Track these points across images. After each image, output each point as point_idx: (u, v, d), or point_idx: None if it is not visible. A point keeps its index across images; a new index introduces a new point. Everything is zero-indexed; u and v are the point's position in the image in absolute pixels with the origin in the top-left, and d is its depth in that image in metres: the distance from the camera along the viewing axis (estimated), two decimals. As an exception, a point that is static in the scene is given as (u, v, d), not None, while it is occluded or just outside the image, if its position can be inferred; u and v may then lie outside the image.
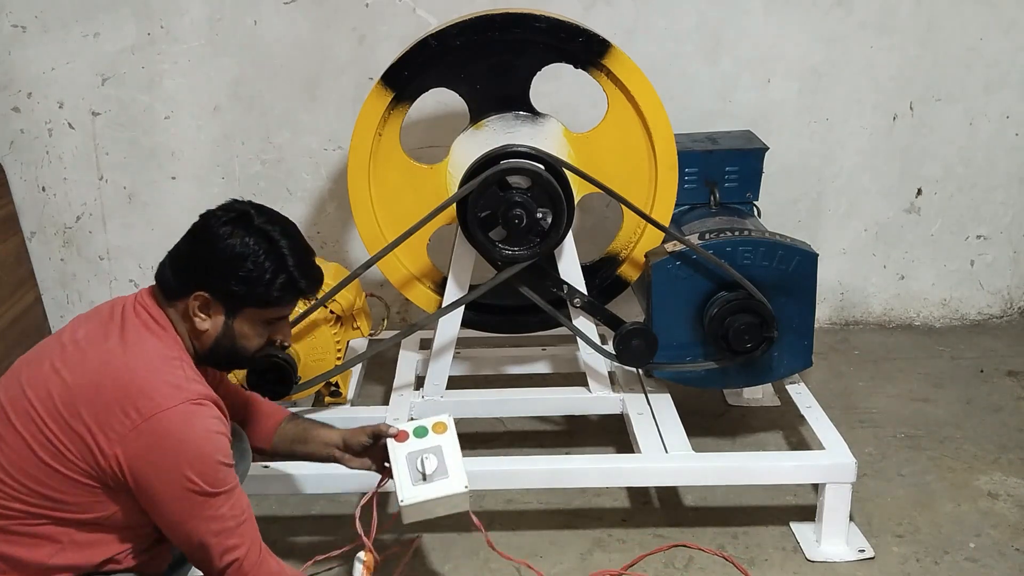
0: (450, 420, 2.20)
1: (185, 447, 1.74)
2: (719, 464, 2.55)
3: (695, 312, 2.68)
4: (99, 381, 1.76)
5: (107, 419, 1.73)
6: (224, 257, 1.81)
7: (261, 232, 1.83)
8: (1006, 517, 2.64)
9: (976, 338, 3.64)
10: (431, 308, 2.85)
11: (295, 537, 2.61)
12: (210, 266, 1.82)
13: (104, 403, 1.74)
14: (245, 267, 1.81)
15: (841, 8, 3.37)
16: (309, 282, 1.89)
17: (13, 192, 3.47)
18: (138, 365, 1.77)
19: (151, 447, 1.73)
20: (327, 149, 3.47)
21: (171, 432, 1.74)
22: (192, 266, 1.84)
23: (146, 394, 1.74)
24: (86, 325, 1.87)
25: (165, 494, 1.76)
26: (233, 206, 1.88)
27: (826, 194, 3.58)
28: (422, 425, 2.17)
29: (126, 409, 1.73)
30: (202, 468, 1.76)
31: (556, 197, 2.52)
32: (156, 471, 1.75)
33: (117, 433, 1.73)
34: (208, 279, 1.82)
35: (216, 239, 1.82)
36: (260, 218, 1.85)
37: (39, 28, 3.32)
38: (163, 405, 1.74)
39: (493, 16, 2.61)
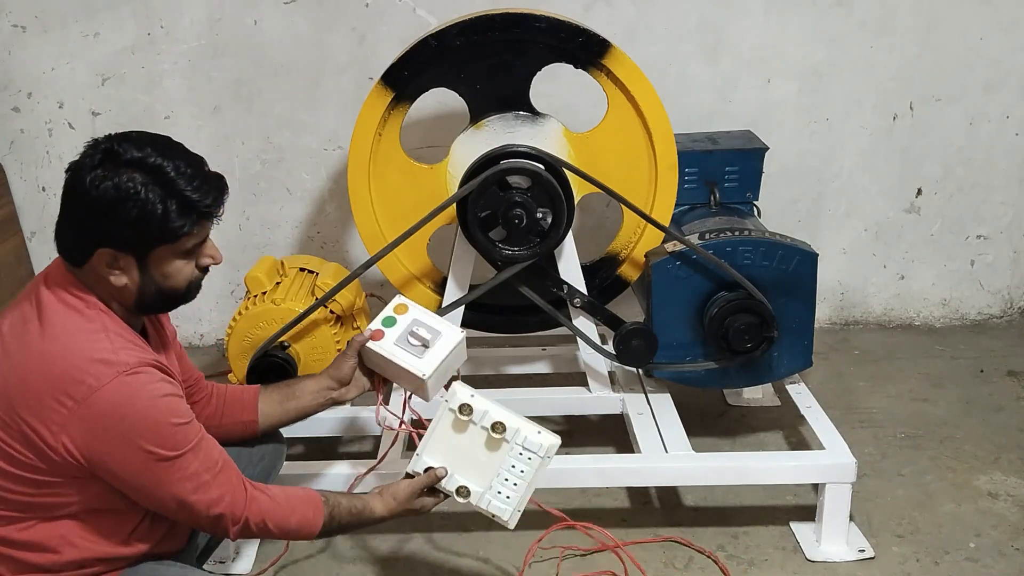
0: (403, 298, 2.22)
1: (129, 420, 1.67)
2: (719, 464, 2.55)
3: (695, 312, 2.68)
4: (25, 375, 1.68)
5: (44, 412, 1.67)
6: (105, 205, 1.65)
7: (133, 163, 1.67)
8: (1006, 517, 2.64)
9: (976, 338, 3.64)
10: (431, 308, 2.84)
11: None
12: (97, 219, 1.67)
13: (37, 396, 1.67)
14: (128, 208, 1.65)
15: (841, 8, 3.37)
16: (205, 195, 1.74)
17: (13, 192, 3.47)
18: (59, 349, 1.68)
19: (95, 429, 1.67)
20: (327, 149, 3.47)
21: (111, 410, 1.67)
22: (81, 225, 1.70)
23: (75, 377, 1.66)
24: (9, 315, 1.78)
25: (127, 470, 1.71)
26: (96, 146, 1.71)
27: (826, 194, 3.58)
28: (387, 316, 2.18)
29: (59, 398, 1.66)
30: (155, 435, 1.69)
31: (556, 197, 2.52)
32: (110, 452, 1.69)
33: (57, 424, 1.67)
34: (101, 233, 1.68)
35: (91, 189, 1.65)
36: (127, 148, 1.69)
37: (39, 28, 3.32)
38: (95, 386, 1.66)
39: (493, 16, 2.61)
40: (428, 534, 2.61)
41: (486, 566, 2.50)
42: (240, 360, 2.62)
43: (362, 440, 2.99)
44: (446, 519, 2.68)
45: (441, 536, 2.61)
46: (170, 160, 1.71)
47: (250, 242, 3.58)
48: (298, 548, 2.56)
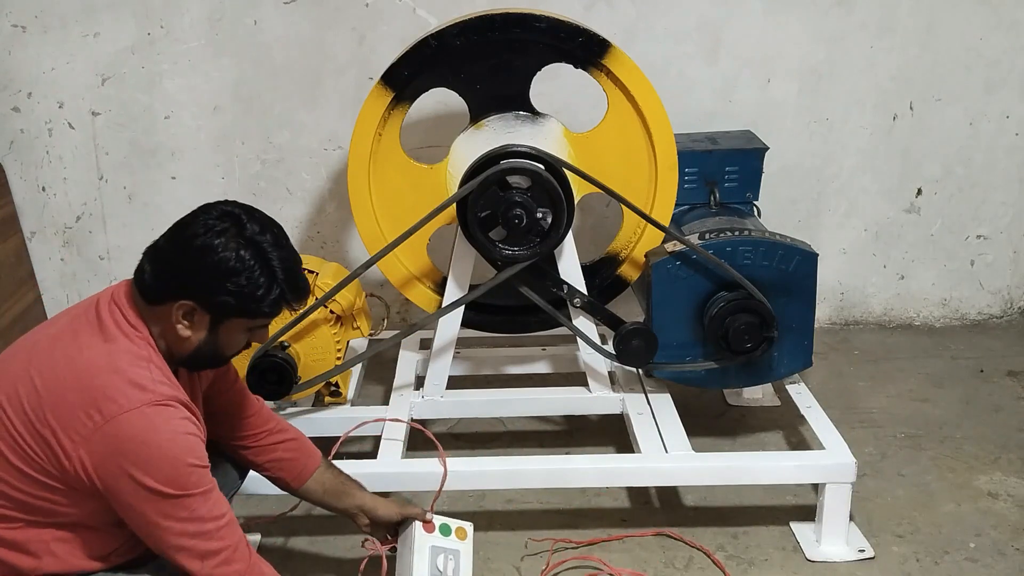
0: (471, 528, 2.26)
1: (147, 450, 1.69)
2: (719, 464, 2.55)
3: (695, 312, 2.68)
4: (63, 381, 1.71)
5: (70, 421, 1.69)
6: (217, 270, 1.74)
7: (254, 244, 1.76)
8: (1006, 517, 2.64)
9: (976, 338, 3.64)
10: (431, 308, 2.85)
11: (295, 537, 2.61)
12: (200, 277, 1.75)
13: (67, 404, 1.70)
14: (239, 281, 1.74)
15: (841, 8, 3.37)
16: (297, 296, 1.85)
17: (13, 192, 3.47)
18: (102, 364, 1.72)
19: (113, 450, 1.69)
20: (327, 149, 3.47)
21: (133, 435, 1.69)
22: (180, 275, 1.76)
23: (108, 395, 1.69)
24: (58, 323, 1.84)
25: (131, 497, 1.71)
26: (224, 212, 1.79)
27: (826, 194, 3.58)
28: (447, 524, 2.23)
29: (88, 410, 1.69)
30: (170, 469, 1.71)
31: (556, 197, 2.52)
32: (119, 474, 1.70)
33: (80, 435, 1.69)
34: (197, 290, 1.76)
35: (209, 250, 1.73)
36: (253, 226, 1.78)
37: (39, 28, 3.32)
38: (125, 406, 1.69)
39: (493, 16, 2.61)
40: (428, 534, 2.61)
41: (486, 566, 2.50)
42: (240, 360, 2.61)
43: (362, 440, 2.99)
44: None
45: (441, 536, 2.61)
46: (280, 252, 1.80)
47: (250, 242, 3.57)
48: (299, 550, 2.56)
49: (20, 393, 1.74)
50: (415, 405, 2.80)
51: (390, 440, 2.61)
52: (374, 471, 2.51)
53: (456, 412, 2.91)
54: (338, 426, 2.77)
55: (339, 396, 2.81)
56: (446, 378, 2.81)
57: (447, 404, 2.83)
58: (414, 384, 2.92)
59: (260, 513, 2.67)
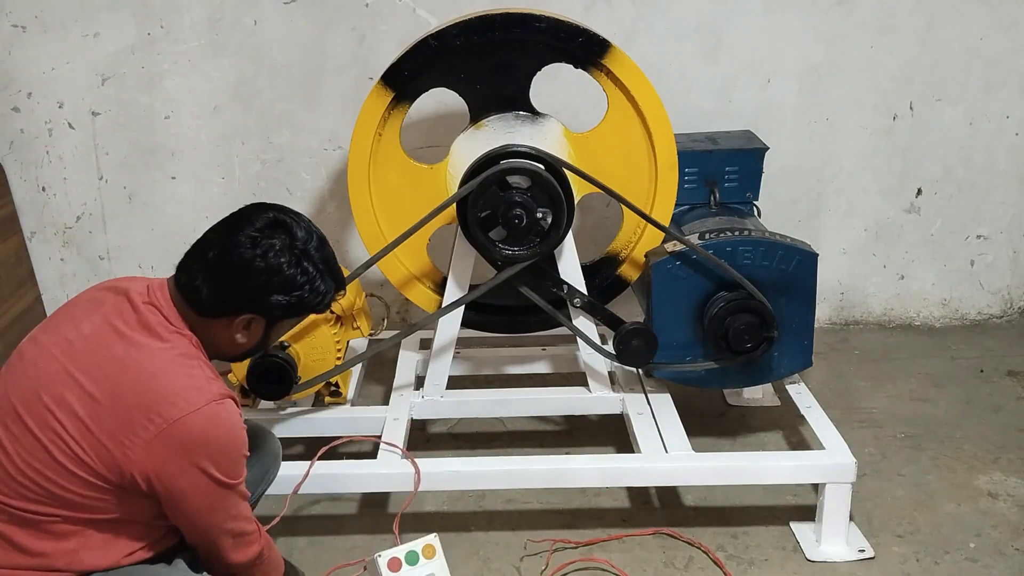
0: (436, 539, 2.25)
1: (212, 447, 1.78)
2: (719, 464, 2.55)
3: (695, 312, 2.68)
4: (118, 389, 1.75)
5: (130, 427, 1.74)
6: (285, 287, 1.84)
7: (307, 255, 1.86)
8: (1006, 517, 2.64)
9: (976, 338, 3.64)
10: (431, 308, 2.85)
11: (295, 537, 2.61)
12: (268, 295, 1.84)
13: (126, 410, 1.74)
14: (303, 294, 1.86)
15: (841, 8, 3.37)
16: (341, 288, 1.99)
17: (13, 192, 3.47)
18: (157, 370, 1.77)
19: (178, 449, 1.75)
20: (327, 149, 3.47)
21: (197, 434, 1.76)
22: (245, 294, 1.84)
23: (168, 399, 1.75)
24: (90, 318, 1.84)
25: (192, 491, 1.79)
26: (269, 221, 1.85)
27: (826, 194, 3.58)
28: (412, 550, 2.21)
29: (150, 416, 1.74)
30: (227, 464, 1.81)
31: (556, 197, 2.52)
32: (183, 472, 1.77)
33: (142, 439, 1.74)
34: (263, 306, 1.86)
35: (275, 271, 1.83)
36: (301, 233, 1.86)
37: (39, 28, 3.32)
38: (187, 409, 1.75)
39: (493, 16, 2.61)
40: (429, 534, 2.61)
41: (486, 566, 2.50)
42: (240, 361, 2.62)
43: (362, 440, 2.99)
44: (446, 519, 2.68)
45: (441, 536, 2.60)
46: (327, 252, 1.92)
47: (250, 242, 3.57)
48: (298, 550, 2.56)
49: (69, 398, 1.76)
50: (415, 405, 2.80)
51: (390, 440, 2.61)
52: (374, 471, 2.51)
53: (456, 412, 2.91)
54: (338, 426, 2.78)
55: (339, 396, 2.81)
56: (446, 378, 2.81)
57: (447, 404, 2.83)
58: (414, 384, 2.92)
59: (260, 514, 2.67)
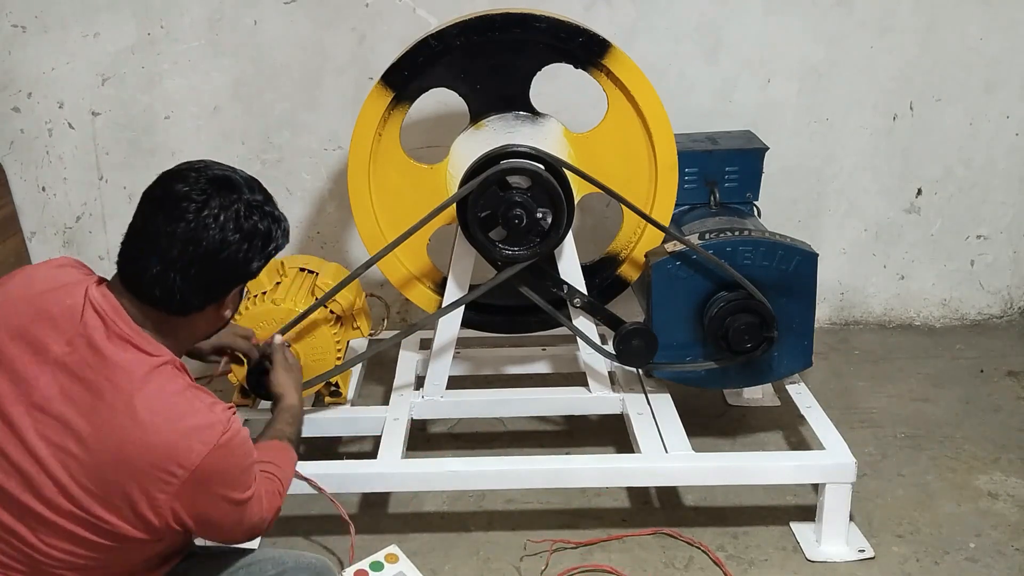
0: (397, 548, 2.29)
1: (231, 475, 1.76)
2: (719, 464, 2.55)
3: (695, 312, 2.68)
4: (123, 446, 1.66)
5: (149, 486, 1.67)
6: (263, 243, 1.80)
7: (259, 205, 1.79)
8: (1006, 517, 2.64)
9: (976, 338, 3.64)
10: (431, 308, 2.85)
11: (295, 537, 2.61)
12: (248, 260, 1.79)
13: (139, 468, 1.66)
14: (276, 239, 1.83)
15: (841, 8, 3.37)
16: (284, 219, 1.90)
17: (13, 192, 3.47)
18: (159, 424, 1.66)
19: (203, 489, 1.71)
20: (327, 149, 3.47)
21: (218, 469, 1.72)
22: (229, 270, 1.77)
23: (181, 448, 1.66)
24: (49, 376, 1.68)
25: (224, 517, 1.80)
26: (210, 179, 1.75)
27: (826, 194, 3.58)
28: (376, 560, 2.24)
29: (168, 468, 1.66)
30: (248, 479, 1.81)
31: (556, 197, 2.52)
32: (211, 503, 1.74)
33: (167, 494, 1.68)
34: (247, 271, 1.81)
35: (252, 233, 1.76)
36: (245, 189, 1.78)
37: (39, 28, 3.32)
38: (201, 452, 1.68)
39: (493, 16, 2.61)
40: (429, 534, 2.61)
41: (486, 566, 2.50)
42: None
43: (362, 440, 2.99)
44: (446, 519, 2.68)
45: (441, 536, 2.61)
46: (266, 195, 1.84)
47: (250, 242, 3.57)
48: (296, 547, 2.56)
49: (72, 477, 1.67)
50: (415, 405, 2.80)
51: (390, 440, 2.61)
52: (374, 471, 2.51)
53: (456, 412, 2.90)
54: (338, 426, 2.78)
55: (339, 396, 2.81)
56: (446, 378, 2.81)
57: (447, 404, 2.83)
58: (414, 384, 2.92)
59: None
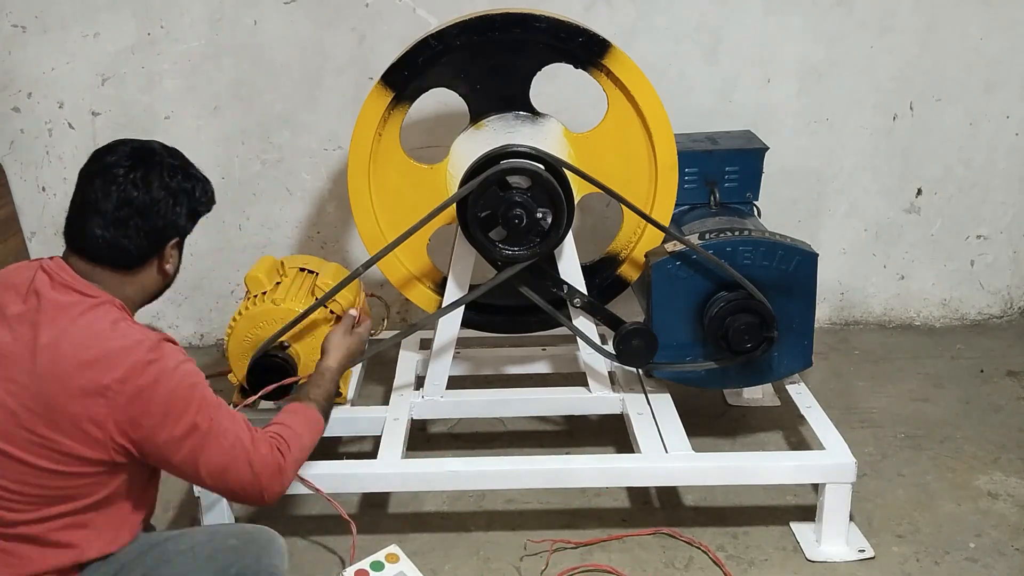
0: (397, 548, 2.30)
1: (163, 397, 1.82)
2: (719, 464, 2.55)
3: (695, 312, 2.68)
4: (60, 373, 1.78)
5: (87, 400, 1.78)
6: (177, 203, 1.95)
7: (180, 169, 1.98)
8: (1006, 517, 2.64)
9: (976, 338, 3.65)
10: (431, 308, 2.85)
11: (295, 537, 2.61)
12: (172, 219, 1.95)
13: (78, 388, 1.78)
14: (192, 204, 1.99)
15: (841, 8, 3.37)
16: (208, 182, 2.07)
17: (13, 192, 3.47)
18: (90, 343, 1.80)
19: (137, 409, 1.80)
20: (327, 149, 3.47)
21: (146, 387, 1.80)
22: (155, 230, 1.93)
23: (110, 365, 1.79)
24: (6, 329, 1.84)
25: (171, 448, 1.85)
26: (131, 153, 1.94)
27: (826, 194, 3.58)
28: (376, 560, 2.26)
29: (100, 382, 1.78)
30: (186, 410, 1.84)
31: (556, 197, 2.52)
32: (152, 431, 1.82)
33: (105, 408, 1.78)
34: (178, 225, 1.97)
35: (162, 197, 1.92)
36: (156, 158, 1.96)
37: (39, 28, 3.32)
38: (128, 366, 1.79)
39: (493, 16, 2.61)
40: (429, 534, 2.61)
41: (486, 566, 2.50)
42: (240, 360, 2.62)
43: (362, 440, 2.99)
44: (446, 519, 2.68)
45: (441, 536, 2.61)
46: (184, 160, 2.03)
47: (250, 242, 3.58)
48: (298, 550, 2.56)
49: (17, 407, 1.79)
50: (415, 405, 2.80)
51: (390, 440, 2.61)
52: (374, 471, 2.51)
53: (456, 412, 2.90)
54: (338, 426, 2.77)
55: (339, 396, 2.80)
56: (446, 378, 2.81)
57: (447, 404, 2.83)
58: (414, 384, 2.92)
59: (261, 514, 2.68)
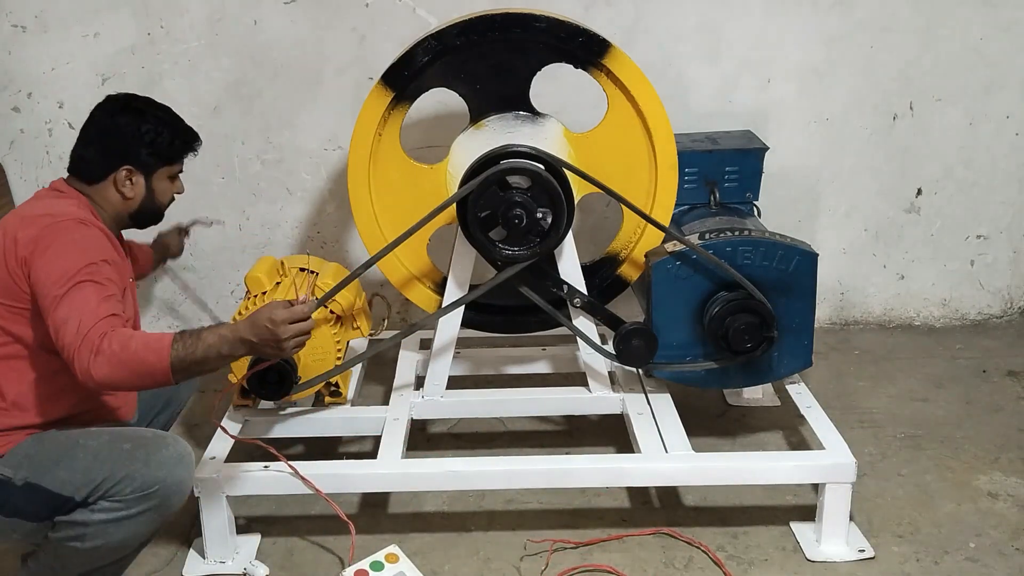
0: (397, 548, 2.31)
1: (57, 251, 2.12)
2: (719, 464, 2.55)
3: (695, 312, 2.68)
4: (13, 229, 2.19)
5: (17, 250, 2.15)
6: (135, 135, 2.32)
7: (148, 112, 2.36)
8: (1006, 517, 2.64)
9: (976, 338, 3.65)
10: (431, 308, 2.85)
11: (295, 537, 2.61)
12: (125, 145, 2.32)
13: (17, 241, 2.15)
14: (151, 138, 2.34)
15: (841, 8, 3.37)
16: (192, 137, 2.43)
17: (13, 192, 3.47)
18: (37, 207, 2.25)
19: (40, 246, 2.13)
20: (327, 149, 3.47)
21: (63, 230, 2.16)
22: (110, 149, 2.32)
23: (50, 215, 2.20)
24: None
25: (46, 276, 2.10)
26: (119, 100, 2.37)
27: (826, 194, 3.58)
28: (376, 560, 2.28)
29: (35, 228, 2.16)
30: (69, 266, 2.10)
31: (556, 197, 2.52)
32: (38, 263, 2.12)
33: (25, 247, 2.14)
34: (128, 154, 2.32)
35: (124, 126, 2.32)
36: (140, 102, 2.39)
37: (39, 28, 3.32)
38: (63, 217, 2.18)
39: (493, 16, 2.61)
40: (429, 534, 2.61)
41: (486, 566, 2.50)
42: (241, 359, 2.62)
43: (362, 440, 3.00)
44: (446, 519, 2.69)
45: (441, 536, 2.61)
46: (167, 113, 2.42)
47: (250, 242, 3.58)
48: (299, 550, 2.56)
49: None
50: (415, 405, 2.80)
51: (390, 440, 2.61)
52: (374, 471, 2.51)
53: (456, 412, 2.91)
54: (338, 426, 2.78)
55: (339, 396, 2.81)
56: (446, 378, 2.81)
57: (447, 404, 2.83)
58: (414, 384, 2.92)
59: (261, 514, 2.68)
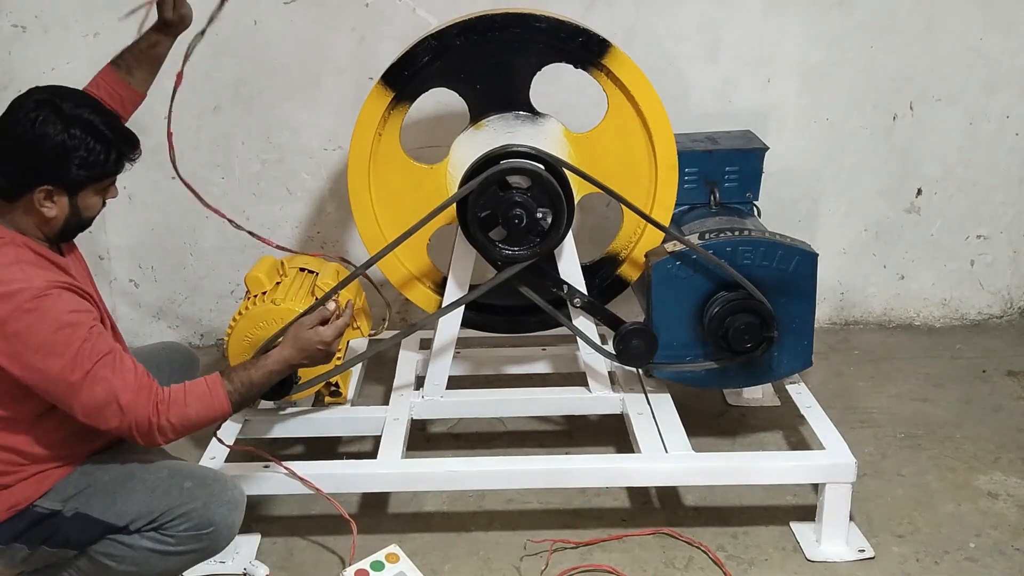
0: (397, 548, 2.31)
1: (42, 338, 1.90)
2: (719, 464, 2.55)
3: (695, 312, 2.68)
4: None
5: None
6: (59, 152, 1.96)
7: (78, 119, 1.99)
8: (1006, 517, 2.64)
9: (976, 338, 3.65)
10: (431, 308, 2.85)
11: (295, 537, 2.61)
12: (46, 163, 1.97)
13: None
14: (80, 155, 1.98)
15: (841, 8, 3.37)
16: (132, 147, 2.10)
17: (13, 192, 3.47)
18: None
19: (18, 344, 1.91)
20: (327, 149, 3.47)
21: (26, 329, 1.90)
22: (26, 167, 1.98)
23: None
24: None
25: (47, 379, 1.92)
26: (37, 101, 1.99)
27: (826, 194, 3.58)
28: (376, 560, 2.28)
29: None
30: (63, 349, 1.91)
31: (556, 197, 2.52)
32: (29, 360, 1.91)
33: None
34: (48, 174, 1.98)
35: (43, 139, 1.96)
36: (67, 104, 2.00)
37: (39, 28, 3.32)
38: (13, 310, 1.90)
39: (493, 16, 2.61)
40: (429, 534, 2.61)
41: (486, 566, 2.50)
42: (240, 360, 2.62)
43: (362, 440, 3.00)
44: (446, 519, 2.68)
45: (441, 536, 2.61)
46: (102, 117, 2.04)
47: (250, 242, 3.56)
48: (299, 550, 2.56)
49: None
50: (415, 405, 2.80)
51: (390, 440, 2.61)
52: (374, 471, 2.51)
53: (456, 412, 2.91)
54: (338, 426, 2.78)
55: (339, 396, 2.81)
56: (446, 378, 2.81)
57: (447, 404, 2.83)
58: (414, 384, 2.92)
59: (261, 514, 2.68)
